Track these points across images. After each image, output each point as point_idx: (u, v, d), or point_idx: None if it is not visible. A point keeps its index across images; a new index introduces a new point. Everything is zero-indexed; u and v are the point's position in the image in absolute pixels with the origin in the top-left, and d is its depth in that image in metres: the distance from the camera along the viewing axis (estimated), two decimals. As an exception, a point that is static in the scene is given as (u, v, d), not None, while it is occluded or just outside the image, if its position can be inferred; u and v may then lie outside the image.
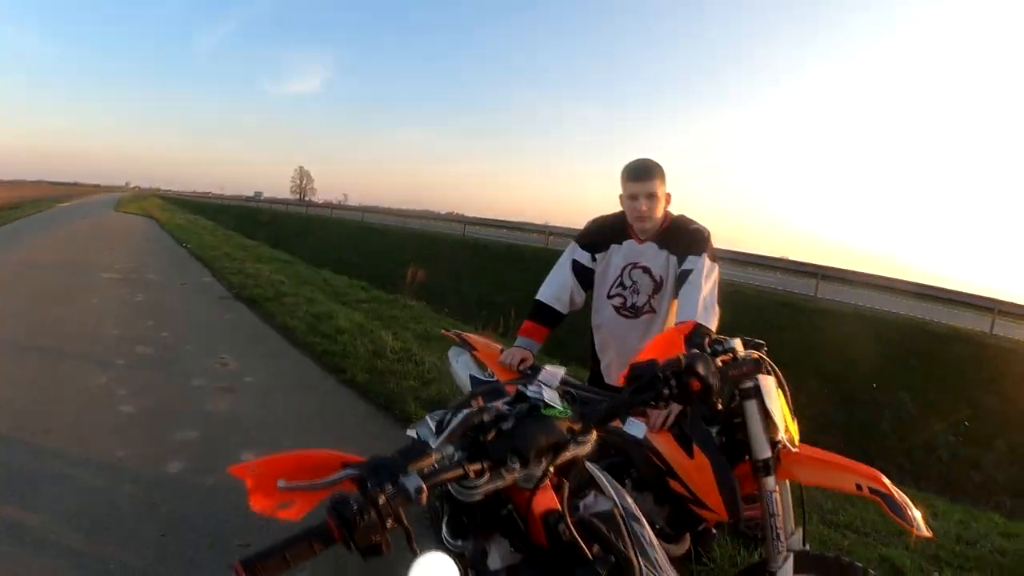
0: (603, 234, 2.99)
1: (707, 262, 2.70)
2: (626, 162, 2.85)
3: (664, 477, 2.36)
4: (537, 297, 3.09)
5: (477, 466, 1.12)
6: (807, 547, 2.22)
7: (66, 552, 2.94)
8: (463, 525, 1.25)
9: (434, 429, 1.72)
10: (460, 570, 1.02)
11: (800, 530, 2.22)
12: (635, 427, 2.43)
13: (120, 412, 4.60)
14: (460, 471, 1.09)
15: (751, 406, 2.09)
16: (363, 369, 5.83)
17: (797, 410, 2.23)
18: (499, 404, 1.29)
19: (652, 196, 2.74)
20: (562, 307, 3.04)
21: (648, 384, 1.33)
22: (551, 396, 1.31)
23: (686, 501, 2.32)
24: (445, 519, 1.27)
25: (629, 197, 2.79)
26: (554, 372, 1.50)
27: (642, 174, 2.75)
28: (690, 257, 2.72)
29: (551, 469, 1.21)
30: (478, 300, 13.38)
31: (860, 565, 2.12)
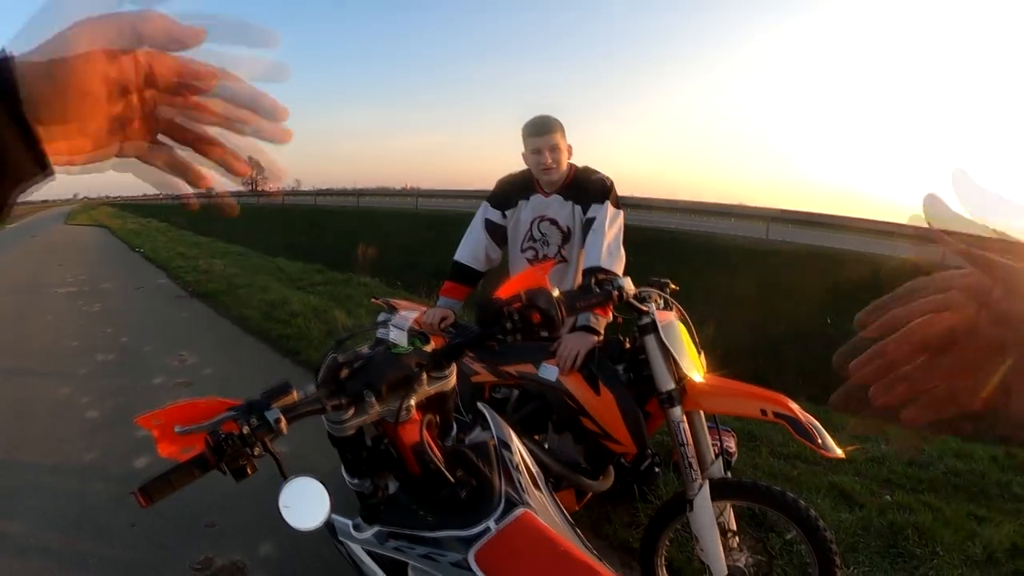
0: (511, 191, 3.09)
1: (610, 209, 2.82)
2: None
3: (577, 416, 2.49)
4: (454, 257, 3.20)
5: (336, 401, 1.26)
6: (728, 475, 2.28)
7: (46, 553, 3.13)
8: (357, 464, 1.41)
9: None
10: (329, 496, 1.18)
11: (720, 459, 2.27)
12: (548, 371, 2.59)
13: (86, 419, 4.76)
14: (318, 406, 1.24)
15: (650, 340, 2.24)
16: (317, 348, 6.01)
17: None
18: (362, 349, 1.43)
19: (555, 148, 2.85)
20: (479, 265, 3.16)
21: (494, 319, 1.45)
22: (397, 335, 1.44)
23: (598, 437, 2.46)
24: (343, 463, 1.43)
25: (533, 152, 2.88)
26: (406, 315, 1.62)
27: (542, 128, 2.85)
28: (593, 205, 2.85)
29: (412, 403, 1.34)
30: (435, 271, 13.47)
31: (778, 488, 2.20)
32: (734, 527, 2.33)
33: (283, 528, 3.00)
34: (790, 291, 10.21)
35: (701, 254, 13.16)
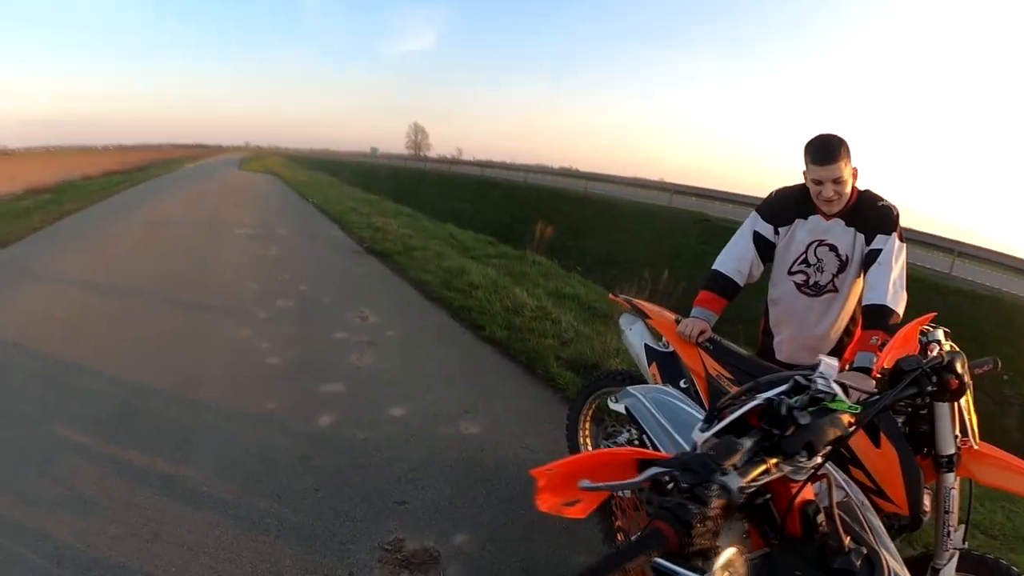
0: (787, 207, 2.82)
1: (896, 242, 2.59)
2: (809, 137, 2.66)
3: (847, 464, 2.21)
4: (715, 267, 2.94)
5: (775, 460, 1.10)
6: (966, 545, 2.16)
7: (220, 505, 2.96)
8: None
9: (653, 408, 1.65)
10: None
11: (963, 528, 2.13)
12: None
13: (267, 364, 4.69)
14: (763, 466, 1.08)
15: (943, 404, 1.98)
16: (501, 326, 5.75)
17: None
18: (773, 394, 1.25)
19: (839, 180, 2.57)
20: (740, 278, 2.89)
21: (913, 380, 1.37)
22: (839, 390, 1.25)
23: (867, 491, 2.14)
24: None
25: (814, 182, 2.62)
26: (831, 363, 1.37)
27: (826, 157, 2.56)
28: (879, 236, 2.59)
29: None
30: (603, 258, 13.20)
31: (1017, 571, 2.06)
32: None
33: (479, 516, 2.70)
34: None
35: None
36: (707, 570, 0.96)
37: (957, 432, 2.03)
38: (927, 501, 2.14)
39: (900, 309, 2.49)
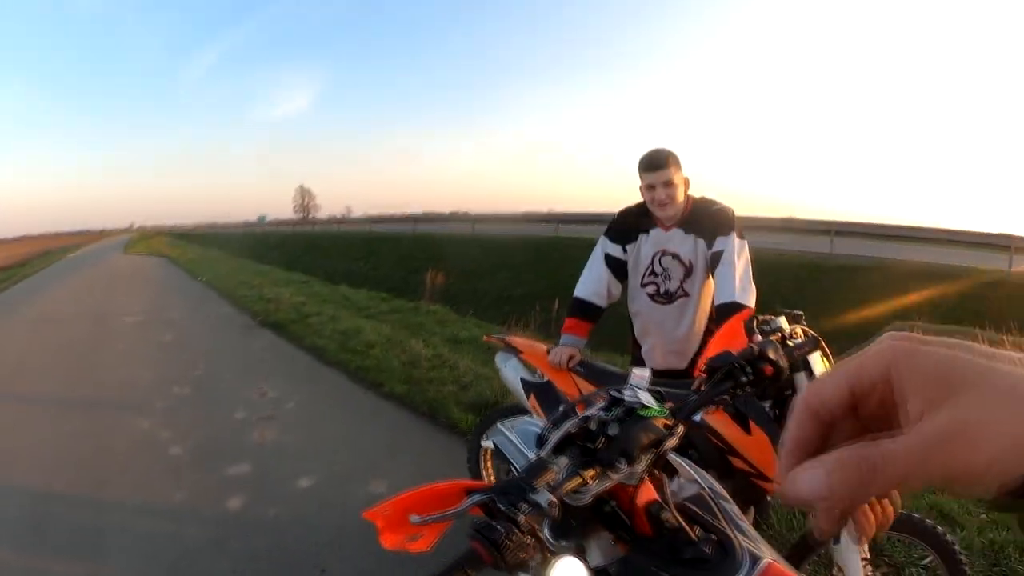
0: (630, 225, 3.03)
1: (736, 240, 2.76)
2: (639, 152, 2.90)
3: (725, 455, 2.39)
4: (575, 294, 3.12)
5: (591, 472, 1.16)
6: None
7: None
8: (566, 527, 1.27)
9: (517, 440, 1.78)
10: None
11: None
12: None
13: (169, 455, 4.62)
14: (579, 480, 1.14)
15: (801, 378, 2.12)
16: (400, 381, 5.83)
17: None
18: (593, 411, 1.33)
19: (669, 184, 2.80)
20: (600, 301, 3.08)
21: (726, 374, 1.40)
22: (647, 398, 1.35)
23: (749, 476, 2.36)
24: (547, 522, 1.25)
25: (647, 188, 2.85)
26: (642, 374, 1.52)
27: (656, 164, 2.80)
28: (719, 238, 2.77)
29: (651, 465, 1.26)
30: (497, 297, 13.40)
31: (918, 516, 2.25)
32: (868, 555, 2.32)
33: (403, 572, 2.78)
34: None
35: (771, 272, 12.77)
36: None
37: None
38: None
39: (750, 302, 2.65)
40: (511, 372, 3.16)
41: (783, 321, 2.09)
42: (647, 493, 1.29)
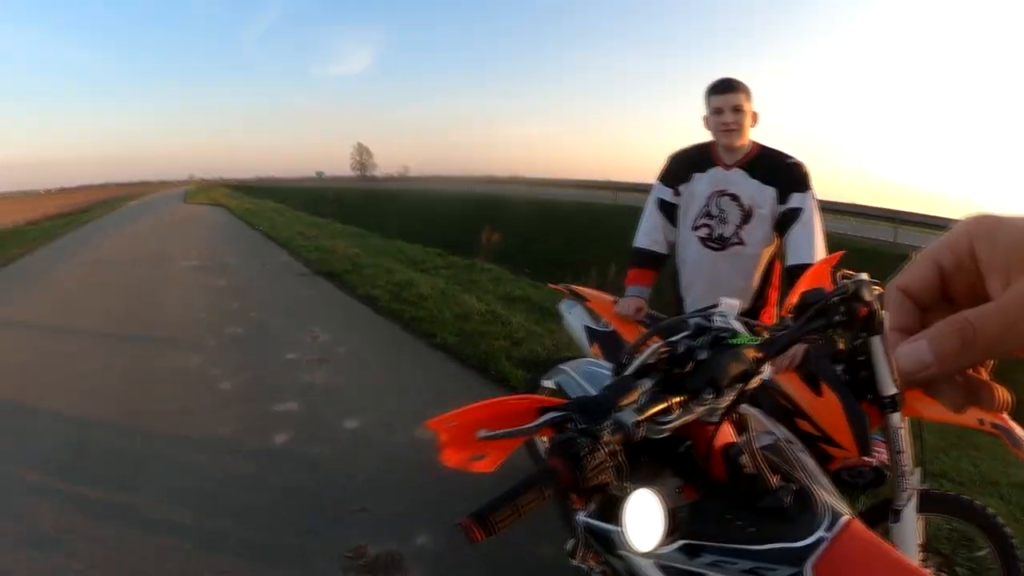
0: (684, 164, 2.87)
1: (812, 199, 2.61)
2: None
3: (792, 417, 2.28)
4: (634, 244, 3.02)
5: (677, 399, 1.09)
6: (927, 486, 2.21)
7: (179, 530, 2.94)
8: (634, 463, 1.12)
9: (582, 380, 1.67)
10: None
11: (919, 469, 2.16)
12: None
13: (218, 390, 4.64)
14: (664, 404, 1.07)
15: (876, 342, 2.00)
16: (451, 333, 5.77)
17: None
18: (678, 337, 1.25)
19: (738, 109, 2.62)
20: (659, 247, 2.98)
21: (819, 311, 1.30)
22: (738, 325, 1.27)
23: (815, 440, 2.25)
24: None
25: (714, 111, 2.66)
26: (731, 303, 1.41)
27: (727, 86, 2.64)
28: (795, 195, 2.61)
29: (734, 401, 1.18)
30: (551, 259, 13.25)
31: (980, 503, 2.15)
32: (922, 541, 2.22)
33: (440, 517, 2.72)
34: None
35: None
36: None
37: (896, 372, 2.08)
38: (883, 450, 2.21)
39: None
40: (575, 319, 3.10)
41: (865, 277, 2.01)
42: (726, 435, 1.22)
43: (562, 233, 16.08)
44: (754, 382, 1.19)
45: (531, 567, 2.70)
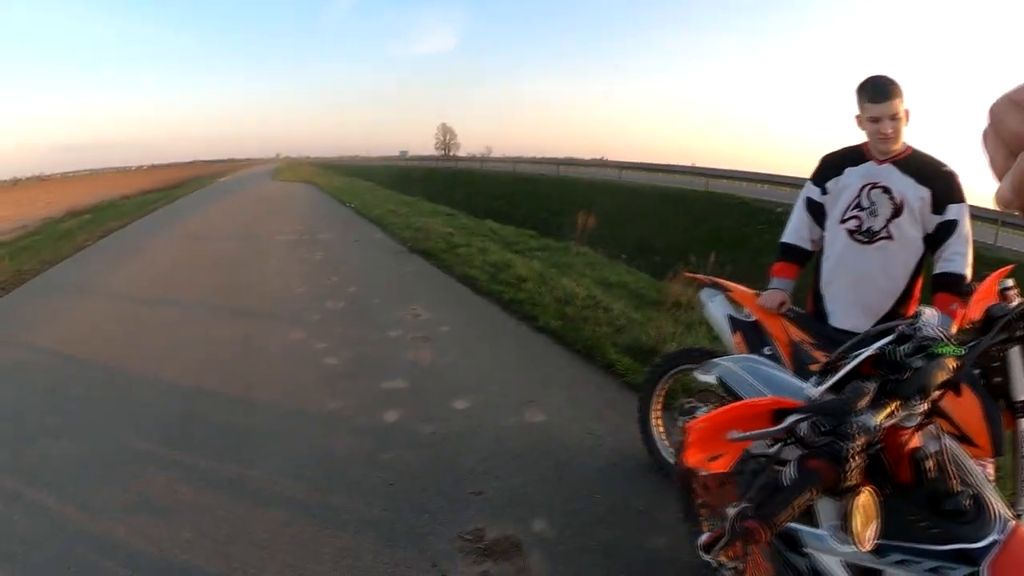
0: (836, 161, 2.84)
1: (967, 211, 2.61)
2: (860, 81, 2.65)
3: (930, 415, 2.22)
4: (781, 239, 3.05)
5: (896, 402, 1.15)
6: None
7: (292, 504, 2.97)
8: None
9: (748, 376, 1.81)
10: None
11: None
12: None
13: (325, 365, 4.70)
14: (888, 409, 1.13)
15: (1015, 351, 2.02)
16: (553, 316, 5.70)
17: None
18: (880, 344, 1.32)
19: (896, 116, 2.57)
20: (805, 244, 3.00)
21: (1005, 325, 1.44)
22: (942, 334, 1.32)
23: (953, 439, 2.18)
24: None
25: (871, 120, 2.60)
26: (933, 312, 1.44)
27: (885, 93, 2.56)
28: (952, 206, 2.58)
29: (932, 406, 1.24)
30: (639, 245, 13.08)
31: None
32: None
33: (555, 502, 2.67)
34: None
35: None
36: (844, 513, 1.03)
37: None
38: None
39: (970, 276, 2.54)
40: (717, 308, 3.08)
41: (1011, 282, 2.09)
42: (915, 439, 1.28)
43: (652, 218, 15.85)
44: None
45: (645, 557, 2.65)
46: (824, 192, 2.86)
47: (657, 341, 4.98)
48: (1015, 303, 1.78)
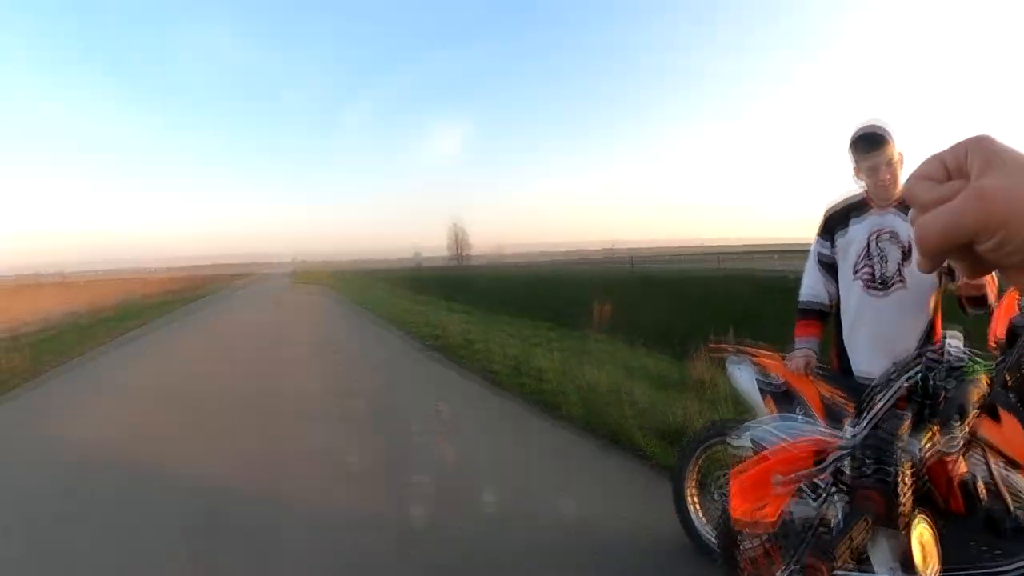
0: (840, 215, 2.86)
1: None
2: (852, 131, 2.69)
3: (970, 443, 2.22)
4: (799, 299, 3.04)
5: (935, 427, 1.20)
6: None
7: None
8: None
9: (781, 433, 1.73)
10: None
11: None
12: None
13: (350, 463, 4.69)
14: (929, 433, 1.18)
15: None
16: (577, 405, 5.70)
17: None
18: (913, 373, 1.36)
19: (891, 162, 2.61)
20: (823, 300, 2.97)
21: None
22: (970, 355, 1.38)
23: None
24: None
25: (869, 170, 2.64)
26: (958, 335, 1.51)
27: (875, 143, 2.60)
28: None
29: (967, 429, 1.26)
30: (658, 330, 13.06)
31: None
32: None
33: None
34: None
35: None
36: (902, 550, 1.03)
37: None
38: None
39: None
40: (744, 376, 3.06)
41: None
42: (962, 465, 1.30)
43: (667, 301, 15.85)
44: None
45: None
46: (833, 246, 2.89)
47: (684, 421, 4.95)
48: None
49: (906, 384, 1.29)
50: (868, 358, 2.79)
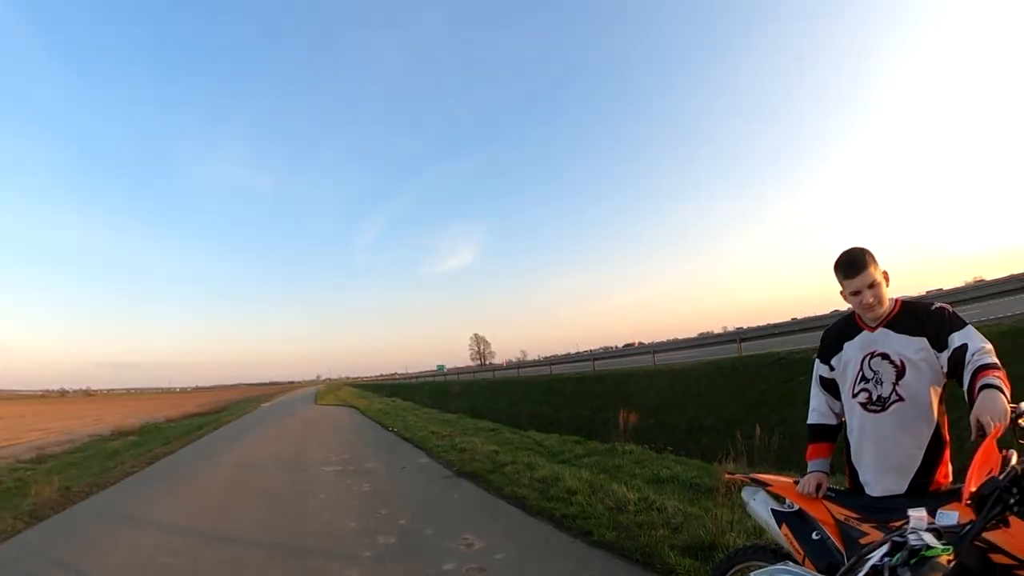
0: (833, 338, 2.97)
1: (973, 331, 2.58)
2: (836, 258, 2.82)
3: (984, 554, 2.09)
4: (808, 422, 3.10)
5: None
6: None
7: None
8: None
9: None
10: None
11: None
12: (947, 517, 2.18)
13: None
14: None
15: None
16: (608, 527, 5.63)
17: None
18: (877, 559, 1.48)
19: (874, 285, 2.70)
20: (831, 420, 3.03)
21: (996, 499, 1.50)
22: (930, 539, 1.46)
23: (1011, 569, 2.07)
24: None
25: (852, 294, 2.76)
26: (919, 515, 1.57)
27: (856, 267, 2.72)
28: (955, 335, 2.58)
29: None
30: (689, 428, 12.92)
31: None
32: None
33: None
34: None
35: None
36: None
37: None
38: None
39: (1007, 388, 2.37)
40: (760, 505, 3.14)
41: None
42: None
43: (694, 396, 15.71)
44: None
45: None
46: (831, 368, 2.96)
47: (716, 535, 4.91)
48: (1006, 472, 1.74)
49: (871, 570, 1.41)
50: (875, 476, 2.81)
